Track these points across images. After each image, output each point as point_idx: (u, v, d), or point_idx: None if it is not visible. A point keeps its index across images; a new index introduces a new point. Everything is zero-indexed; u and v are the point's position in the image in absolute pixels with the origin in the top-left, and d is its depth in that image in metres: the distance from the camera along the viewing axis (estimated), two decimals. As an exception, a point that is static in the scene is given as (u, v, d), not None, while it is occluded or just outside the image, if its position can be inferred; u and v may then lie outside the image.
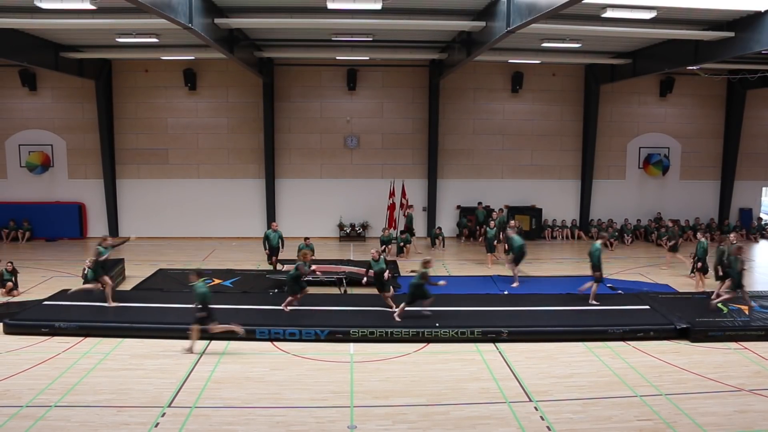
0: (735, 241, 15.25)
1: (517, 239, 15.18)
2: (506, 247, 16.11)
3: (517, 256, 15.04)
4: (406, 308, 11.83)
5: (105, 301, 12.35)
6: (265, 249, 16.47)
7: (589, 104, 22.26)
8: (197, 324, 10.48)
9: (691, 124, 23.18)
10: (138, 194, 22.02)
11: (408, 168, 22.21)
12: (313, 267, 13.12)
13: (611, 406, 8.60)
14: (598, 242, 13.46)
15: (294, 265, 12.45)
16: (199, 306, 10.43)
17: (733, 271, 12.50)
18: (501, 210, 20.19)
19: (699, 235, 16.02)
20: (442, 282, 12.14)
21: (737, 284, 12.34)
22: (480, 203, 21.87)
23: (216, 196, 22.01)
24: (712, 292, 13.34)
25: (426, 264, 11.90)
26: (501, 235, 17.57)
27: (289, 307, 12.30)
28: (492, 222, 18.36)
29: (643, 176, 23.25)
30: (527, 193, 22.69)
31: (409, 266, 16.54)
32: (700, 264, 15.04)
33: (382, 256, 12.82)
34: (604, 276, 15.56)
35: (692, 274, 15.66)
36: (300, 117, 21.94)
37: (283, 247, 16.40)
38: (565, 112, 22.61)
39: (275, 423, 8.04)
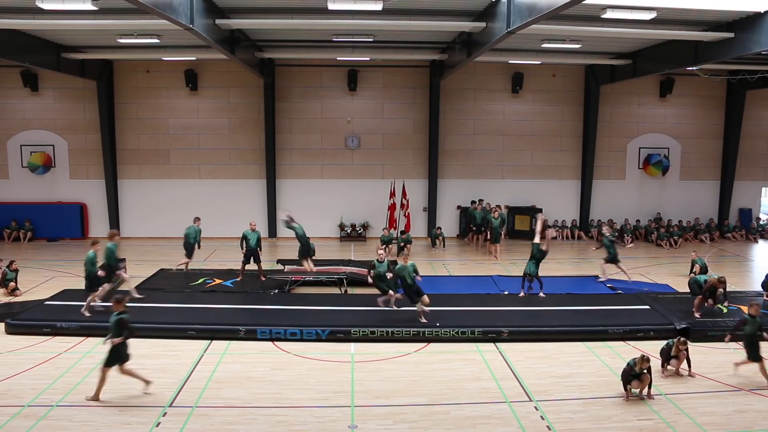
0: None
1: (606, 241, 15.65)
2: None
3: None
4: None
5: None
6: (242, 249, 15.06)
7: (589, 105, 22.28)
8: None
9: (691, 125, 23.19)
10: (139, 194, 22.06)
11: (408, 168, 22.23)
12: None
13: (611, 405, 8.64)
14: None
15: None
16: None
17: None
18: (498, 206, 20.13)
19: (605, 229, 16.54)
20: None
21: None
22: (480, 201, 21.65)
23: (217, 196, 22.03)
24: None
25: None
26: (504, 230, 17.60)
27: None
28: (496, 212, 19.03)
29: (643, 176, 23.27)
30: (527, 193, 22.69)
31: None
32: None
33: (386, 259, 12.56)
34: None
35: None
36: (301, 117, 21.97)
37: (260, 249, 15.15)
38: (565, 113, 22.63)
39: (276, 423, 8.07)
